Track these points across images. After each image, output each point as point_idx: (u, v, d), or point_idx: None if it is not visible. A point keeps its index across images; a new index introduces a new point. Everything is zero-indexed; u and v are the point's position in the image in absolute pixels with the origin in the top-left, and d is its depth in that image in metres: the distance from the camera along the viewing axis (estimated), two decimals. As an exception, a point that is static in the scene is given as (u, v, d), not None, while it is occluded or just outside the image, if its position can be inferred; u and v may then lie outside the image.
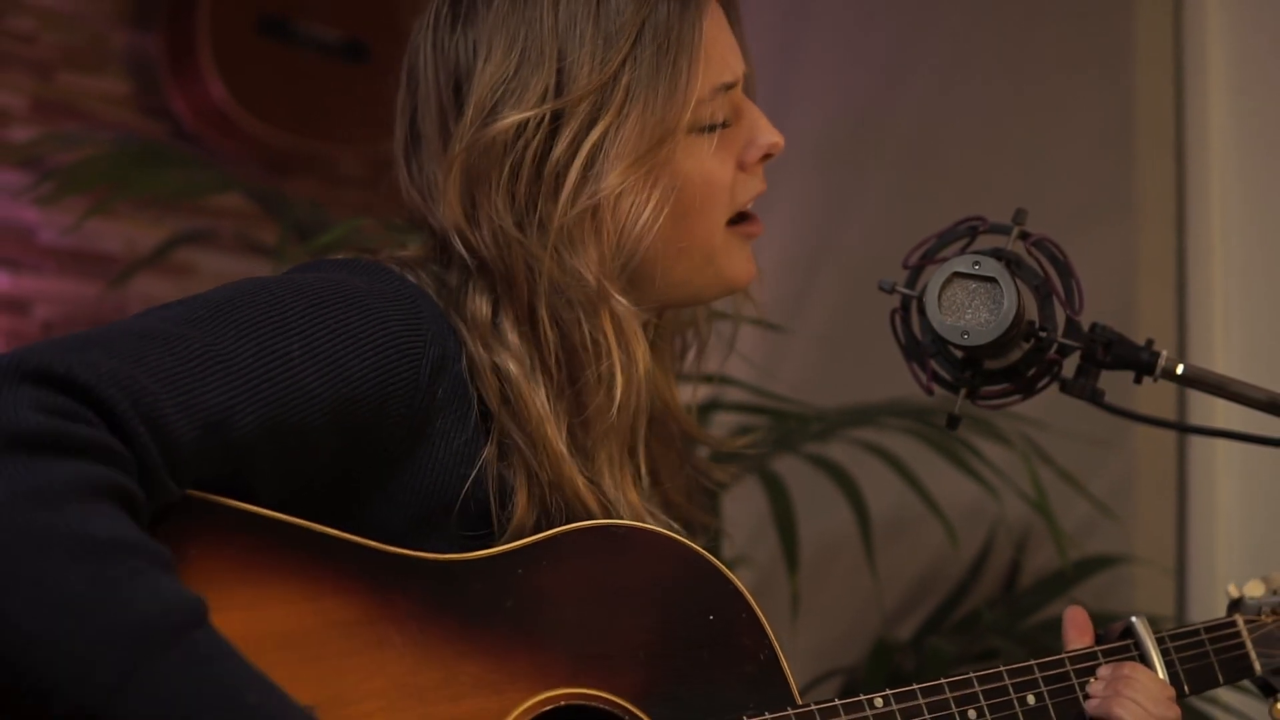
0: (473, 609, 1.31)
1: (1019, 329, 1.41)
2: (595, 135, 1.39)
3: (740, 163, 1.49)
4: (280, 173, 3.57)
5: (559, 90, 1.39)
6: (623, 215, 1.40)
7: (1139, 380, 1.48)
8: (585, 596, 1.25)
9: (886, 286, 1.45)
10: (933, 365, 1.46)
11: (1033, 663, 1.47)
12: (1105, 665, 1.49)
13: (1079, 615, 1.54)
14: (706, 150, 1.45)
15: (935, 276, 1.42)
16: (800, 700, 1.39)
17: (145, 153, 2.76)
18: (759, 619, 1.40)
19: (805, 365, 2.92)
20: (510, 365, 1.38)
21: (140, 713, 1.07)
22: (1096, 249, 2.56)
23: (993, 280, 1.40)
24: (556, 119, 1.39)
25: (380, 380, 1.31)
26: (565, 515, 1.40)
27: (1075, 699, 1.47)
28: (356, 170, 3.63)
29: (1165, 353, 1.46)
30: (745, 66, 1.50)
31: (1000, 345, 1.41)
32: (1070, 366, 1.47)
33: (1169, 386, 1.73)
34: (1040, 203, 1.60)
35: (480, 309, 1.40)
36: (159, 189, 2.82)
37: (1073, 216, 2.60)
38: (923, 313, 1.42)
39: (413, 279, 1.41)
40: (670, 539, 1.40)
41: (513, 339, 1.40)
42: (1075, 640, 1.52)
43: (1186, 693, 1.52)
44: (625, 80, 1.40)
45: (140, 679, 1.07)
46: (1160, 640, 1.52)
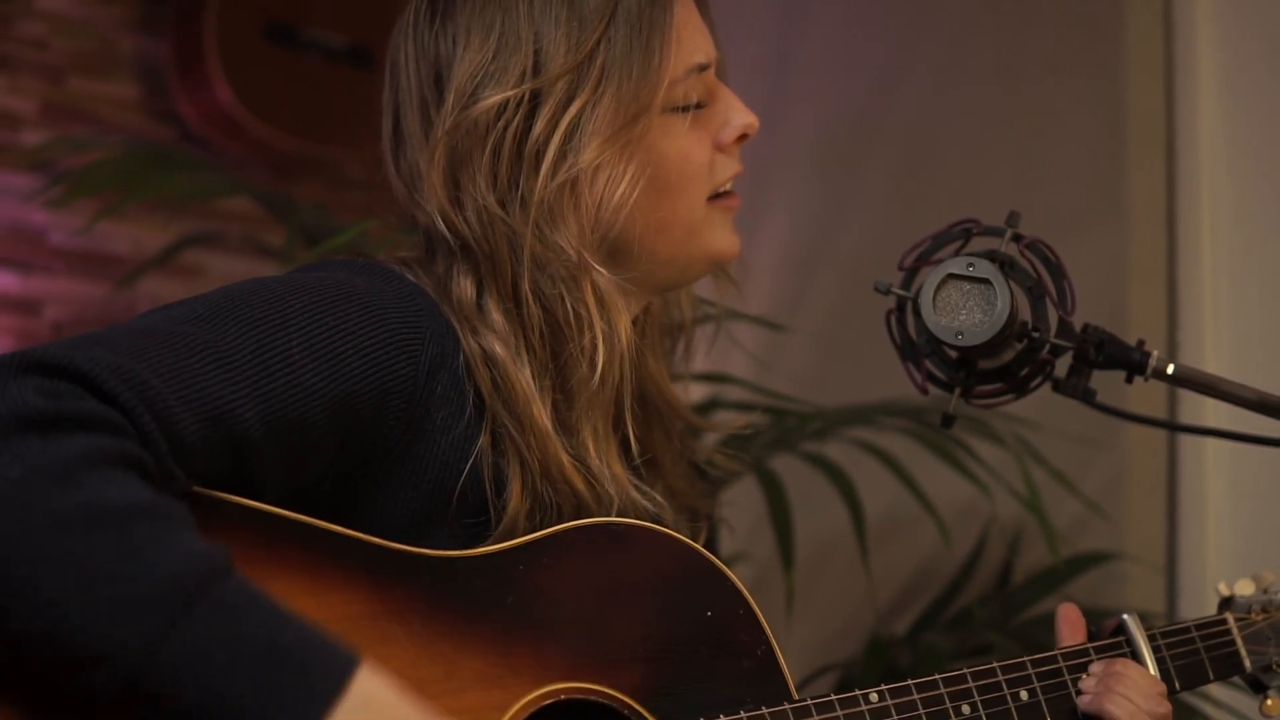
0: (474, 605, 1.31)
1: (1012, 329, 1.41)
2: (572, 112, 1.40)
3: (717, 143, 1.50)
4: (286, 176, 3.57)
5: (536, 71, 1.41)
6: (600, 189, 1.42)
7: (1130, 380, 1.48)
8: (585, 593, 1.24)
9: (882, 288, 1.45)
10: (927, 365, 1.46)
11: (1026, 659, 1.46)
12: (1098, 662, 1.48)
13: (1072, 612, 1.54)
14: (681, 129, 1.46)
15: (930, 278, 1.42)
16: (797, 695, 1.39)
17: (154, 156, 2.76)
18: (756, 616, 1.40)
19: (803, 365, 2.92)
20: (496, 347, 1.39)
21: (180, 668, 1.08)
22: (1088, 251, 2.56)
23: (986, 282, 1.40)
24: (535, 99, 1.41)
25: (379, 376, 1.31)
26: (555, 501, 1.40)
27: (1068, 695, 1.47)
28: (362, 173, 3.62)
29: (1156, 353, 1.46)
30: (716, 52, 1.52)
31: (994, 345, 1.41)
32: (1063, 367, 1.47)
33: (1160, 386, 1.73)
34: (1033, 205, 1.59)
35: (466, 291, 1.41)
36: (167, 192, 2.82)
37: (1065, 219, 2.59)
38: (918, 313, 1.42)
39: (412, 278, 1.42)
40: (670, 537, 1.40)
41: (497, 318, 1.41)
42: (1068, 637, 1.52)
43: (1177, 689, 1.52)
44: (600, 60, 1.41)
45: (176, 636, 1.08)
46: (1152, 637, 1.52)
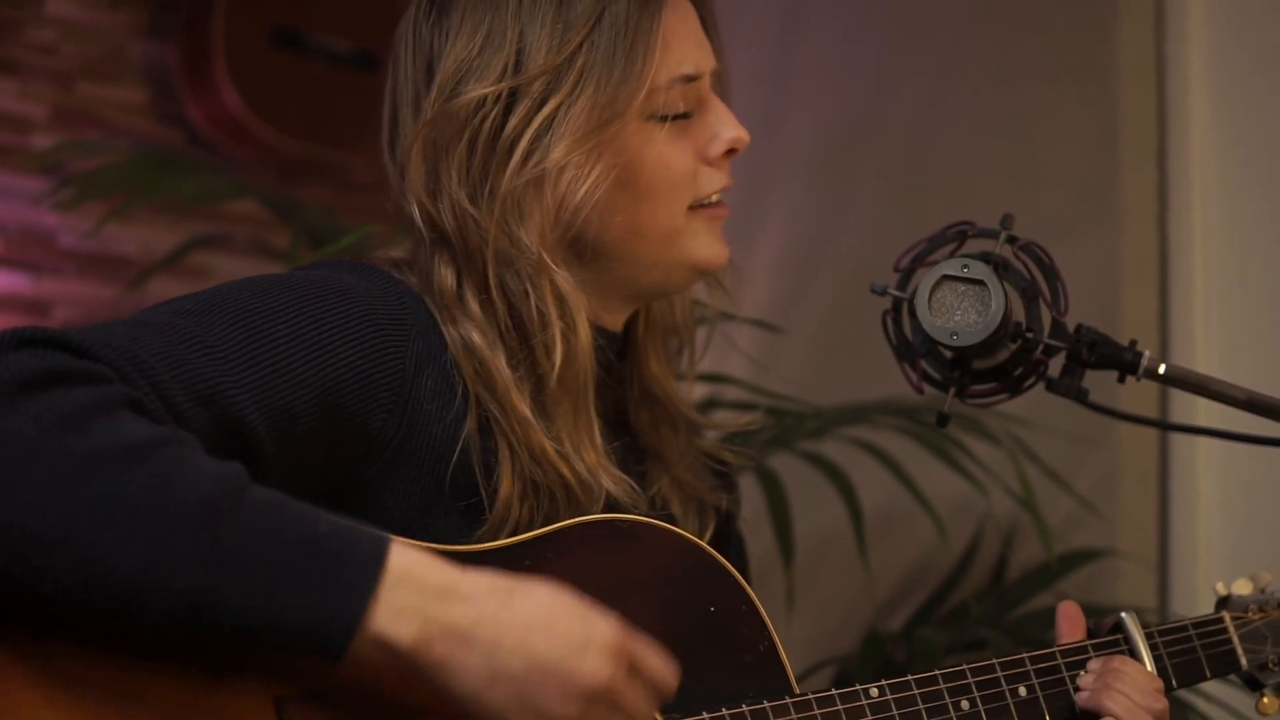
0: None
1: (1006, 330, 1.41)
2: (546, 111, 1.40)
3: (704, 156, 1.49)
4: (292, 179, 3.57)
5: (518, 68, 1.41)
6: (563, 188, 1.41)
7: (1122, 380, 1.48)
8: (590, 588, 1.24)
9: (878, 289, 1.45)
10: (923, 365, 1.46)
11: (1024, 655, 1.46)
12: (1096, 659, 1.48)
13: (1071, 610, 1.53)
14: (660, 136, 1.45)
15: (925, 279, 1.42)
16: (797, 689, 1.39)
17: (162, 160, 2.76)
18: (758, 610, 1.40)
19: (800, 365, 2.92)
20: (474, 336, 1.40)
21: (234, 574, 1.11)
22: (1081, 252, 2.56)
23: (981, 283, 1.40)
24: (513, 95, 1.41)
25: (367, 368, 1.32)
26: (545, 484, 1.40)
27: (1066, 691, 1.46)
28: (366, 176, 3.63)
29: (1148, 353, 1.46)
30: (714, 64, 1.50)
31: (988, 346, 1.41)
32: (1056, 366, 1.47)
33: (1152, 386, 1.73)
34: (1027, 208, 1.59)
35: (446, 280, 1.42)
36: (175, 194, 2.83)
37: (1058, 221, 2.59)
38: (913, 314, 1.42)
39: (400, 277, 1.43)
40: (674, 534, 1.40)
41: (474, 308, 1.41)
42: (1067, 634, 1.52)
43: (1174, 686, 1.52)
44: (580, 62, 1.41)
45: (223, 546, 1.11)
46: (1149, 635, 1.52)
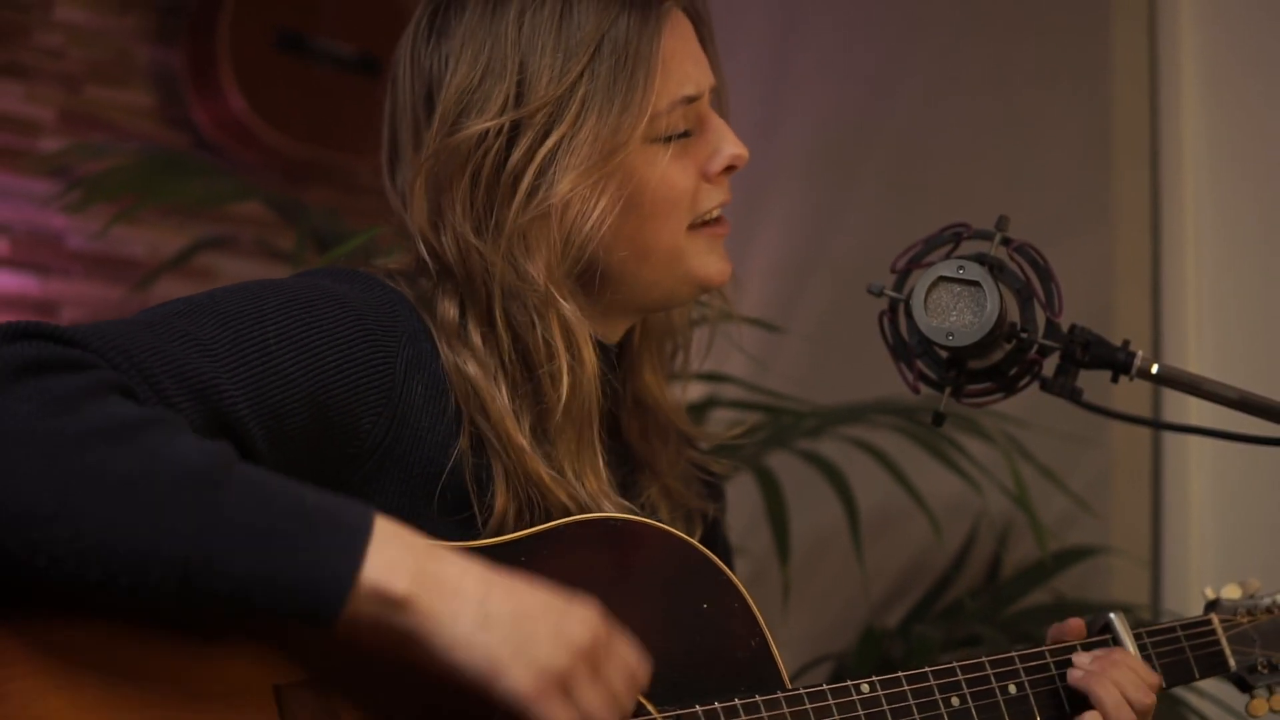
0: None
1: (1001, 330, 1.41)
2: (550, 144, 1.38)
3: (704, 173, 1.47)
4: (297, 181, 3.57)
5: (518, 101, 1.39)
6: (569, 221, 1.39)
7: (1116, 379, 1.48)
8: (584, 585, 1.24)
9: (875, 290, 1.45)
10: (919, 365, 1.46)
11: (1014, 653, 1.46)
12: (1099, 650, 1.48)
13: (1076, 624, 1.53)
14: (663, 158, 1.43)
15: (921, 280, 1.42)
16: (790, 685, 1.39)
17: (168, 162, 2.76)
18: (751, 608, 1.40)
19: (798, 365, 2.92)
20: (470, 369, 1.38)
21: (227, 539, 1.12)
22: (1075, 254, 2.56)
23: (976, 284, 1.40)
24: (515, 128, 1.39)
25: (355, 372, 1.31)
26: (543, 505, 1.40)
27: (1056, 690, 1.46)
28: (371, 179, 3.60)
29: (1141, 353, 1.46)
30: (713, 80, 1.48)
31: (983, 346, 1.41)
32: (1050, 366, 1.47)
33: (1145, 385, 1.73)
34: (1021, 210, 1.60)
35: (449, 312, 1.41)
36: (181, 197, 2.83)
37: (1052, 223, 2.59)
38: (910, 315, 1.42)
39: (394, 285, 1.41)
40: (667, 533, 1.40)
41: (476, 341, 1.40)
42: (1063, 639, 1.52)
43: (1164, 686, 1.52)
44: (582, 92, 1.39)
45: (215, 514, 1.12)
46: (1138, 635, 1.52)
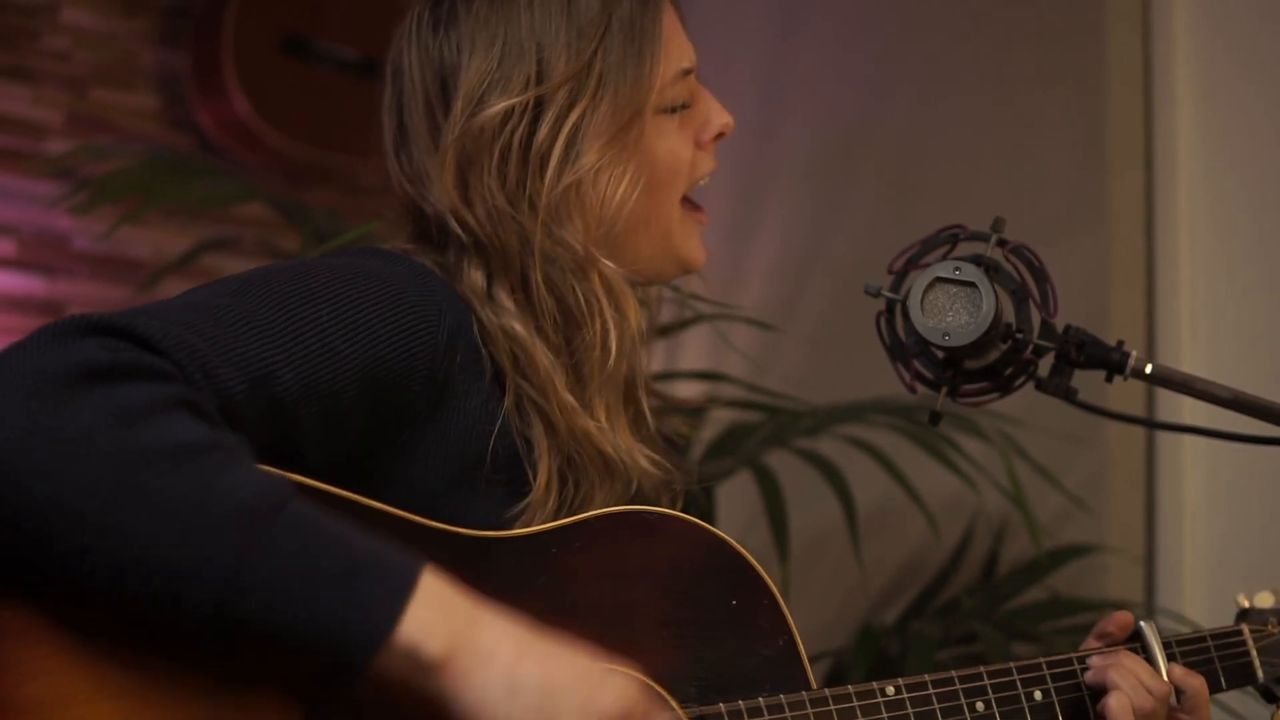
0: (506, 583, 1.29)
1: (997, 331, 1.41)
2: (574, 117, 1.44)
3: (697, 141, 1.54)
4: (300, 183, 3.57)
5: (540, 79, 1.45)
6: (602, 188, 1.45)
7: (1110, 379, 1.48)
8: (615, 577, 1.24)
9: (873, 290, 1.45)
10: (916, 365, 1.46)
11: (1041, 660, 1.45)
12: (1105, 650, 1.48)
13: (1122, 617, 1.52)
14: (671, 129, 1.50)
15: (918, 281, 1.42)
16: (815, 685, 1.38)
17: (173, 164, 2.77)
18: (780, 606, 1.40)
19: (796, 364, 2.92)
20: (516, 325, 1.42)
21: (262, 583, 1.11)
22: (1070, 255, 2.56)
23: (972, 285, 1.40)
24: (539, 105, 1.45)
25: (403, 343, 1.33)
26: (582, 461, 1.42)
27: (1082, 697, 1.45)
28: (373, 180, 3.62)
29: (1135, 353, 1.46)
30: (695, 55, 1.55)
31: (979, 346, 1.41)
32: (1045, 366, 1.47)
33: (1139, 385, 1.73)
34: (1017, 211, 1.59)
35: (476, 281, 1.44)
36: (185, 198, 2.83)
37: (1048, 224, 2.59)
38: (906, 315, 1.42)
39: (420, 260, 1.45)
40: (699, 527, 1.40)
41: (509, 305, 1.43)
42: (1106, 632, 1.52)
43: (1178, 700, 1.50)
44: (598, 68, 1.45)
45: (254, 555, 1.11)
46: (1167, 644, 1.51)
